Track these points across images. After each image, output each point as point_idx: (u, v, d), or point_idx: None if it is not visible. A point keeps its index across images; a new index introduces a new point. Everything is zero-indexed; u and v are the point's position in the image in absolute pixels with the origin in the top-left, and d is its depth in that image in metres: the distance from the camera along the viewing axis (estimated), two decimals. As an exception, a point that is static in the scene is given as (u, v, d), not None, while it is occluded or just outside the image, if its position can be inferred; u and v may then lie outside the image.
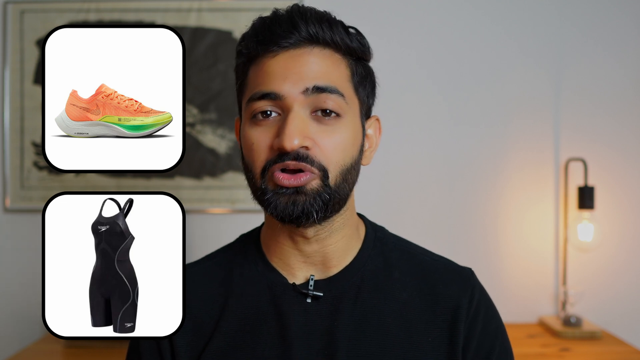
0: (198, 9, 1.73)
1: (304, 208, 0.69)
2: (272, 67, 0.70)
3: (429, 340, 0.74)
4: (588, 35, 1.77)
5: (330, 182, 0.70)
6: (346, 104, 0.72)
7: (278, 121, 0.70)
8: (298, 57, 0.70)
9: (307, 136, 0.68)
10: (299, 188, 0.68)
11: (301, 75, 0.69)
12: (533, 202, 1.76)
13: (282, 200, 0.69)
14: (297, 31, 0.70)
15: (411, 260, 0.80)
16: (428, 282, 0.78)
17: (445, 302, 0.76)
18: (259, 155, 0.70)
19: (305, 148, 0.68)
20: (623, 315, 1.75)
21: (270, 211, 0.70)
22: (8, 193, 1.72)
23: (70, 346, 1.52)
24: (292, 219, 0.70)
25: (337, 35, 0.72)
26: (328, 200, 0.70)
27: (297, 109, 0.69)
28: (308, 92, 0.69)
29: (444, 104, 1.76)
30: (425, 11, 1.76)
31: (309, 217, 0.69)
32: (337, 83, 0.71)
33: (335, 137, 0.70)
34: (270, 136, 0.70)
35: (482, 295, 0.79)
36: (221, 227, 1.74)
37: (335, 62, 0.72)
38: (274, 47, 0.70)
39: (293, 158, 0.68)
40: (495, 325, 0.78)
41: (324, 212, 0.70)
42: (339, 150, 0.70)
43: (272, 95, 0.69)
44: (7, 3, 1.72)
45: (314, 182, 0.69)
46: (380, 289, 0.76)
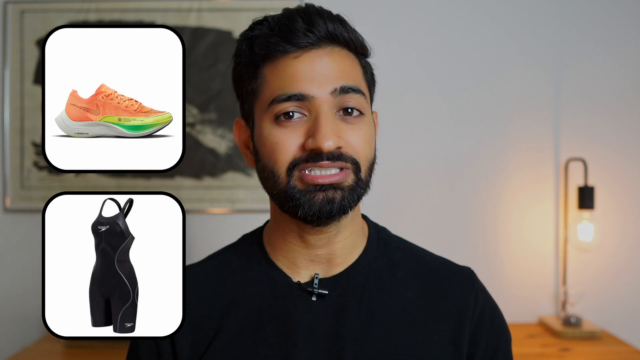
0: (198, 9, 1.73)
1: (342, 205, 0.70)
2: (296, 68, 0.70)
3: (435, 338, 0.74)
4: (588, 35, 1.77)
5: (362, 176, 0.72)
6: (366, 102, 0.74)
7: (305, 122, 0.70)
8: (321, 57, 0.71)
9: (340, 136, 0.70)
10: (336, 184, 0.69)
11: (328, 76, 0.70)
12: (533, 202, 1.76)
13: (317, 199, 0.69)
14: (316, 30, 0.70)
15: (414, 260, 0.81)
16: (432, 282, 0.78)
17: (449, 301, 0.77)
18: (285, 155, 0.70)
19: (338, 148, 0.70)
20: (623, 315, 1.75)
21: (304, 212, 0.69)
22: (8, 193, 1.72)
23: (70, 346, 1.52)
24: (329, 217, 0.70)
25: (351, 33, 0.73)
26: (361, 194, 0.72)
27: (326, 110, 0.70)
28: (336, 93, 0.70)
29: (444, 104, 1.76)
30: (425, 11, 1.76)
31: (346, 212, 0.71)
32: (358, 82, 0.73)
33: (361, 134, 0.72)
34: (298, 136, 0.70)
35: (485, 295, 0.80)
36: (221, 227, 1.74)
37: (353, 62, 0.74)
38: (293, 47, 0.70)
39: (327, 159, 0.69)
40: (500, 322, 0.80)
41: (354, 206, 0.72)
42: (366, 145, 0.72)
43: (299, 97, 0.69)
44: (7, 3, 1.72)
45: (349, 178, 0.71)
46: (385, 287, 0.77)
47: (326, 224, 0.72)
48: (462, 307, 0.76)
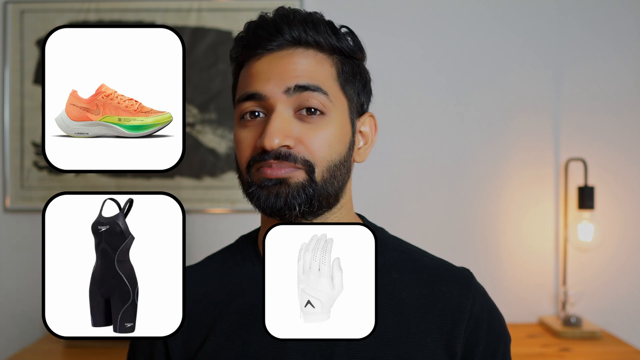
0: (198, 9, 1.73)
1: (287, 200, 0.70)
2: (257, 68, 0.73)
3: (428, 340, 0.74)
4: (588, 34, 1.77)
5: (316, 178, 0.71)
6: (330, 101, 0.73)
7: (264, 121, 0.72)
8: (281, 58, 0.72)
9: (288, 135, 0.70)
10: (282, 180, 0.70)
11: (283, 75, 0.71)
12: (533, 202, 1.76)
13: (264, 192, 0.71)
14: (280, 35, 0.72)
15: (410, 261, 0.80)
16: (427, 283, 0.78)
17: (445, 302, 0.76)
18: (244, 153, 0.73)
19: (286, 147, 0.70)
20: (623, 315, 1.75)
21: (255, 203, 0.73)
22: (8, 193, 1.72)
23: (70, 346, 1.52)
24: (275, 211, 0.71)
25: (320, 35, 0.73)
26: (312, 195, 0.71)
27: (279, 109, 0.71)
28: (290, 92, 0.71)
29: (444, 104, 1.76)
30: (425, 11, 1.76)
31: (292, 210, 0.70)
32: (320, 81, 0.72)
33: (319, 134, 0.71)
34: (255, 135, 0.72)
35: (483, 296, 0.79)
36: (221, 227, 1.74)
37: (319, 61, 0.74)
38: (259, 50, 0.73)
39: (274, 157, 0.70)
40: (499, 324, 0.79)
41: (308, 207, 0.71)
42: (325, 146, 0.72)
43: (256, 96, 0.72)
44: (7, 3, 1.72)
45: (299, 176, 0.70)
46: (380, 288, 0.76)
47: (282, 217, 0.72)
48: (457, 309, 0.75)
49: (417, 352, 0.73)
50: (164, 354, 0.77)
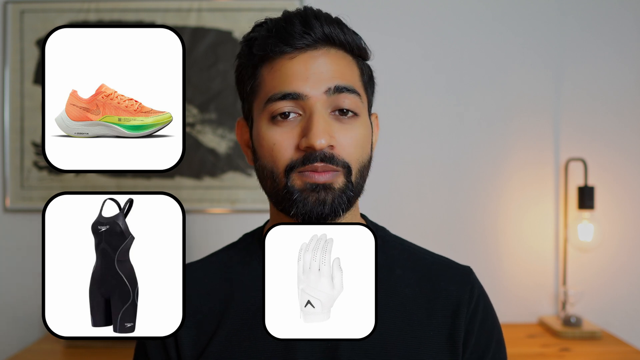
0: (198, 9, 1.73)
1: (333, 206, 0.70)
2: (292, 68, 0.72)
3: (430, 335, 0.75)
4: (588, 35, 1.77)
5: (352, 179, 0.72)
6: (361, 103, 0.74)
7: (300, 121, 0.71)
8: (316, 57, 0.72)
9: (332, 135, 0.70)
10: (328, 185, 0.70)
11: (322, 75, 0.71)
12: (533, 202, 1.76)
13: (311, 199, 0.70)
14: (312, 32, 0.72)
15: (412, 258, 0.82)
16: (429, 279, 0.79)
17: (446, 298, 0.77)
18: (282, 155, 0.71)
19: (330, 147, 0.70)
20: (623, 315, 1.75)
21: (298, 211, 0.71)
22: (8, 193, 1.72)
23: (70, 346, 1.52)
24: (320, 218, 0.70)
25: (348, 36, 0.74)
26: (352, 197, 0.72)
27: (320, 109, 0.70)
28: (330, 92, 0.71)
29: (444, 104, 1.76)
30: (425, 11, 1.76)
31: (337, 215, 0.71)
32: (353, 82, 0.74)
33: (353, 135, 0.72)
34: (293, 136, 0.71)
35: (481, 292, 0.80)
36: (221, 227, 1.74)
37: (349, 63, 0.75)
38: (289, 48, 0.72)
39: (320, 159, 0.69)
40: (492, 321, 0.80)
41: (347, 209, 0.72)
42: (358, 147, 0.73)
43: (293, 96, 0.71)
44: (7, 3, 1.72)
45: (340, 180, 0.71)
46: (383, 284, 0.77)
47: (323, 223, 0.72)
48: (457, 303, 0.77)
49: (421, 346, 0.74)
50: (175, 351, 0.77)
